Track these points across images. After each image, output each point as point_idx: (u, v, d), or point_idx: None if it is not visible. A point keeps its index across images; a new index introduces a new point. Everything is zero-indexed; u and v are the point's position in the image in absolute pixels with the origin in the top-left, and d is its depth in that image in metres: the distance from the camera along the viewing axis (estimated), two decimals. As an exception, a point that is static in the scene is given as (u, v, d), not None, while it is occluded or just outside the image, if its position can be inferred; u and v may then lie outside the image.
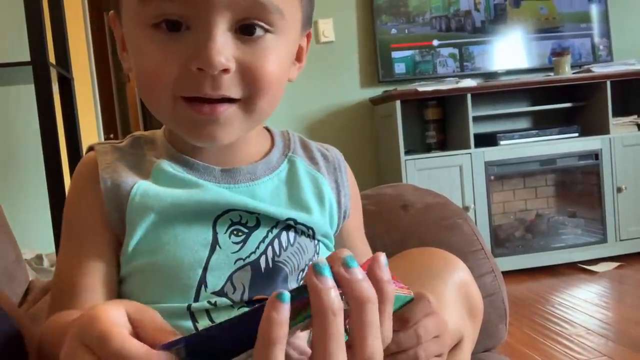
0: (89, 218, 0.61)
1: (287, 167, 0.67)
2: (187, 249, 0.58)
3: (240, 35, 0.55)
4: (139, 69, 0.57)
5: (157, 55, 0.54)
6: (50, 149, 1.55)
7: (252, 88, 0.56)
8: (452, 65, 3.05)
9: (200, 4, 0.52)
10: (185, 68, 0.54)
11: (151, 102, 0.58)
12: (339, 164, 0.71)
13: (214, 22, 0.53)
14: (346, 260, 0.40)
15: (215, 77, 0.53)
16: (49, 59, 1.55)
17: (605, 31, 3.19)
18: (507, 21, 3.10)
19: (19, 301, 0.93)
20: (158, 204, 0.59)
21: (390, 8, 2.99)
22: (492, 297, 0.90)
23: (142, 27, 0.55)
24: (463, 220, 0.96)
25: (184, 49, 0.54)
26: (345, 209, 0.70)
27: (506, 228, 2.93)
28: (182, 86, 0.55)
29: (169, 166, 0.62)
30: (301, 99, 2.89)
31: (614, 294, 2.43)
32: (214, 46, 0.52)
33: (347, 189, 0.70)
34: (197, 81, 0.54)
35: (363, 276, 0.40)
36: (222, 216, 0.60)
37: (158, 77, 0.55)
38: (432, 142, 2.92)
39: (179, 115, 0.56)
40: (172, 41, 0.54)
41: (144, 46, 0.55)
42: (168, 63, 0.54)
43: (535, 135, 2.81)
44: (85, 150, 0.67)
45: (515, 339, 1.95)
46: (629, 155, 2.83)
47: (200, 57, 0.52)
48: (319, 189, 0.67)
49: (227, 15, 0.53)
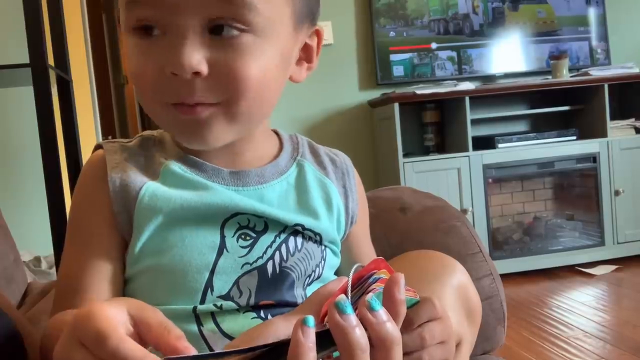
0: (96, 217, 0.60)
1: (296, 170, 0.67)
2: (195, 251, 0.58)
3: (212, 36, 0.53)
4: (129, 73, 0.58)
5: (138, 60, 0.55)
6: (49, 151, 1.55)
7: (230, 91, 0.54)
8: (450, 68, 3.05)
9: (168, 8, 0.52)
10: (162, 72, 0.53)
11: (145, 107, 0.59)
12: (347, 169, 0.71)
13: (183, 25, 0.52)
14: (371, 304, 0.39)
15: (189, 81, 0.53)
16: (48, 61, 1.55)
17: (603, 34, 3.20)
18: (505, 24, 3.10)
19: (18, 303, 0.93)
20: (167, 205, 0.58)
21: (388, 11, 3.00)
22: (491, 300, 0.90)
23: (127, 32, 0.56)
24: (461, 223, 0.96)
25: (159, 53, 0.53)
26: (353, 215, 0.70)
27: (504, 231, 2.94)
28: (162, 92, 0.55)
29: (178, 167, 0.61)
30: (300, 101, 2.89)
31: (611, 297, 2.43)
32: (184, 49, 0.52)
33: (355, 195, 0.70)
34: (174, 86, 0.54)
35: (387, 317, 0.40)
36: (230, 219, 0.60)
37: (142, 82, 0.55)
38: (431, 145, 2.92)
39: (169, 119, 0.57)
40: (150, 46, 0.54)
41: (130, 51, 0.56)
42: (148, 68, 0.54)
43: (533, 138, 2.82)
44: (93, 148, 0.66)
45: (513, 341, 1.95)
46: (627, 158, 2.84)
47: (171, 61, 0.52)
48: (327, 194, 0.67)
49: (197, 17, 0.52)
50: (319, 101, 2.98)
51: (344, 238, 0.70)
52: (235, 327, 0.57)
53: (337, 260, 0.69)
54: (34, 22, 1.51)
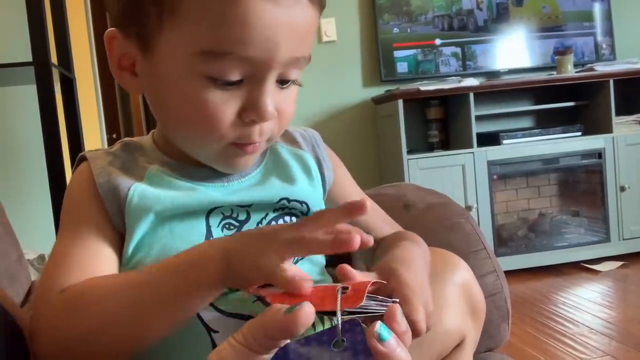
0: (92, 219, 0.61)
1: (271, 157, 0.70)
2: (183, 241, 0.59)
3: (278, 85, 0.59)
4: (191, 116, 0.58)
5: (214, 107, 0.56)
6: (53, 150, 1.55)
7: (280, 128, 0.62)
8: (454, 64, 3.04)
9: (262, 64, 0.55)
10: (239, 119, 0.57)
11: (199, 144, 0.61)
12: (315, 141, 0.75)
13: (268, 79, 0.56)
14: (380, 336, 0.41)
15: (262, 125, 0.59)
16: (51, 59, 1.55)
17: (608, 30, 3.18)
18: (510, 20, 3.09)
19: (21, 301, 0.93)
20: (156, 204, 0.60)
21: (392, 7, 2.99)
22: (495, 297, 0.90)
23: (197, 76, 0.56)
24: (465, 219, 0.96)
25: (237, 100, 0.57)
26: (329, 180, 0.74)
27: (509, 227, 2.93)
28: (234, 135, 0.58)
29: (161, 171, 0.64)
30: (303, 98, 2.87)
31: (617, 293, 2.42)
32: (267, 100, 0.57)
33: (327, 162, 0.74)
34: (249, 130, 0.58)
35: (397, 343, 0.41)
36: (213, 210, 0.62)
37: (214, 127, 0.57)
38: (435, 142, 2.91)
39: (226, 156, 0.61)
40: (228, 93, 0.56)
41: (200, 96, 0.56)
42: (225, 115, 0.57)
43: (538, 134, 2.80)
44: (77, 161, 0.67)
45: (518, 338, 1.94)
46: (632, 154, 2.82)
47: (254, 110, 0.57)
48: (304, 163, 0.71)
49: (278, 72, 0.57)
50: (322, 98, 2.98)
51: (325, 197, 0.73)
52: (230, 306, 0.58)
53: None
54: (37, 19, 1.51)
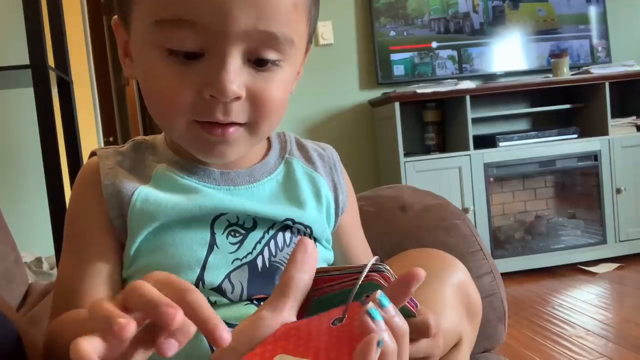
0: (92, 224, 0.62)
1: (284, 169, 0.68)
2: (186, 248, 0.59)
3: (252, 65, 0.56)
4: (152, 89, 0.58)
5: (172, 80, 0.55)
6: (50, 152, 1.55)
7: (259, 113, 0.58)
8: (451, 67, 3.05)
9: (216, 35, 0.53)
10: (199, 94, 0.55)
11: (164, 121, 0.59)
12: (334, 164, 0.73)
13: (228, 52, 0.54)
14: (381, 301, 0.42)
15: (226, 104, 0.55)
16: (48, 62, 1.55)
17: (604, 32, 3.19)
18: (506, 23, 3.10)
19: (18, 304, 0.93)
20: (159, 210, 0.60)
21: (389, 10, 3.00)
22: (491, 298, 0.90)
23: (156, 49, 0.55)
24: (461, 221, 0.96)
25: (198, 76, 0.55)
26: (343, 206, 0.71)
27: (506, 230, 2.93)
28: (195, 111, 0.56)
29: (169, 171, 0.63)
30: (301, 101, 2.89)
31: (613, 295, 2.43)
32: (228, 76, 0.54)
33: (344, 187, 0.72)
34: (210, 107, 0.55)
35: (395, 312, 0.43)
36: (219, 217, 0.61)
37: (173, 102, 0.56)
38: (431, 144, 2.92)
39: (192, 136, 0.58)
40: (187, 67, 0.55)
41: (159, 69, 0.56)
42: (183, 89, 0.55)
43: (534, 136, 2.81)
44: (88, 156, 0.68)
45: (515, 340, 1.95)
46: (628, 156, 2.83)
47: (213, 85, 0.54)
48: (316, 187, 0.69)
49: (241, 46, 0.54)
50: (319, 101, 2.98)
51: (335, 229, 0.72)
52: (229, 314, 0.58)
53: (330, 254, 0.70)
54: (34, 22, 1.51)
